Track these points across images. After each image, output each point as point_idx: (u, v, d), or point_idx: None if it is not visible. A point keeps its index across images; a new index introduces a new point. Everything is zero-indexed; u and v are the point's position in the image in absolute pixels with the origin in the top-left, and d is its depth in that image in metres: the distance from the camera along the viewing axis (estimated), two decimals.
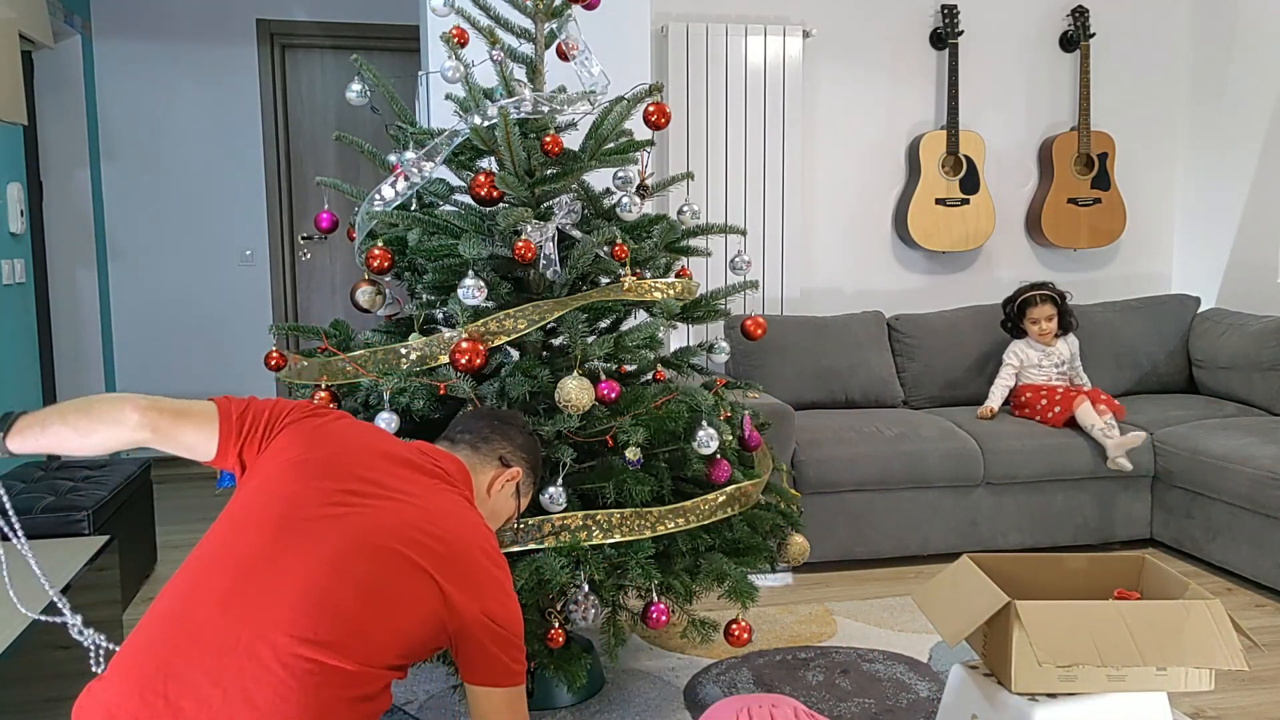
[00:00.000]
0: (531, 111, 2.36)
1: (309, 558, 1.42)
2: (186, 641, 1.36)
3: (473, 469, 1.76)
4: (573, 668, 2.30)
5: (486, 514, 1.80)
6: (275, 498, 1.49)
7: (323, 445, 1.56)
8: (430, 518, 1.52)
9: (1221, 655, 1.92)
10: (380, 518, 1.48)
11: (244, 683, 1.33)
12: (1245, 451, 3.44)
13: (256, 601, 1.38)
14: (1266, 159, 4.37)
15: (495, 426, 1.84)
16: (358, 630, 1.40)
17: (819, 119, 4.52)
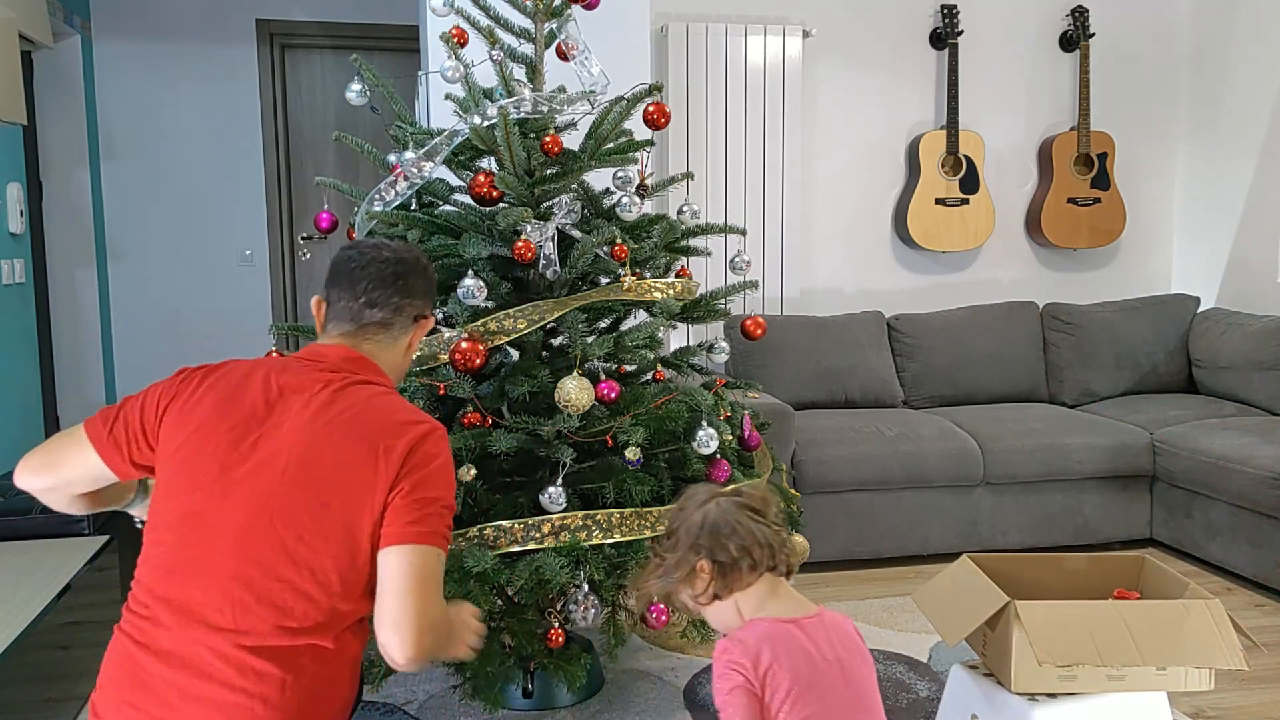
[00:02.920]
0: (531, 111, 2.36)
1: (222, 550, 1.42)
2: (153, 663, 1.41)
3: (384, 347, 1.66)
4: (573, 668, 2.30)
5: (405, 366, 1.74)
6: (172, 502, 1.47)
7: (201, 426, 1.50)
8: (326, 436, 1.48)
9: (1221, 655, 1.92)
10: (272, 478, 1.45)
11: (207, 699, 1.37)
12: (1245, 451, 3.44)
13: (197, 611, 1.40)
14: (1266, 159, 4.37)
15: (399, 288, 1.67)
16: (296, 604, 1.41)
17: (819, 119, 4.52)
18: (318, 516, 1.43)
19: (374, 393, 1.56)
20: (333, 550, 1.42)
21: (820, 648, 1.54)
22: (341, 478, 1.44)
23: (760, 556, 1.56)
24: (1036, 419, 3.93)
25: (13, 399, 3.82)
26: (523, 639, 2.27)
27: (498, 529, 2.18)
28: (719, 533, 1.55)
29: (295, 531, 1.42)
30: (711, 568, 1.56)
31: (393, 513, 1.44)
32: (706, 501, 1.60)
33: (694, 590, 1.58)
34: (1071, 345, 4.33)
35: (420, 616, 1.40)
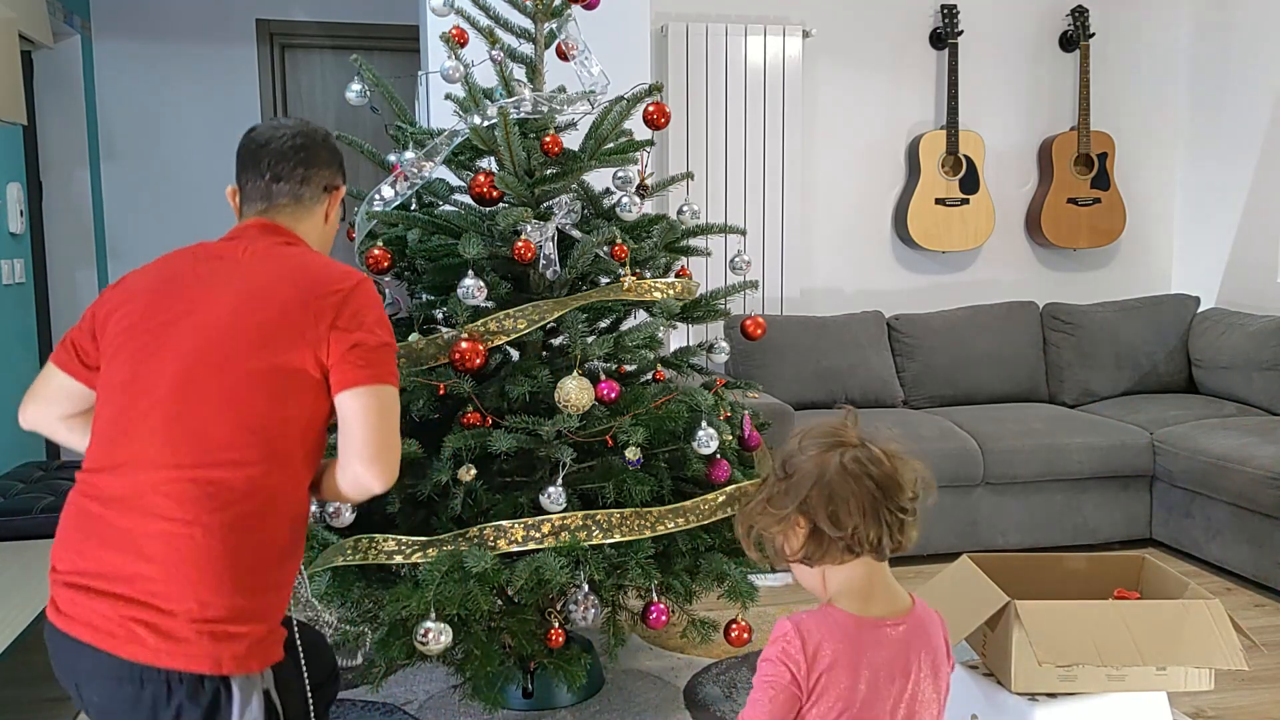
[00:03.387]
0: (531, 111, 2.36)
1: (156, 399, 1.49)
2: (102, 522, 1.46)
3: (299, 218, 1.73)
4: (573, 668, 2.30)
5: (328, 238, 1.82)
6: (113, 376, 1.54)
7: (133, 306, 1.57)
8: (256, 290, 1.55)
9: (1221, 655, 1.92)
10: (202, 332, 1.52)
11: (144, 538, 1.42)
12: (1245, 451, 3.44)
13: (138, 457, 1.46)
14: (1266, 159, 4.36)
15: (303, 160, 1.71)
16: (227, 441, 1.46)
17: (819, 119, 4.52)
18: (248, 363, 1.49)
19: (297, 251, 1.65)
20: (265, 393, 1.49)
21: (893, 665, 1.36)
22: (273, 328, 1.51)
23: (862, 542, 1.34)
24: (1036, 419, 3.93)
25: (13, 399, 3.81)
26: (523, 639, 2.27)
27: (498, 529, 2.18)
28: (827, 497, 1.33)
29: (228, 378, 1.48)
30: (808, 529, 1.35)
31: (340, 362, 1.52)
32: (830, 449, 1.37)
33: (786, 543, 1.38)
34: (1071, 345, 4.33)
35: (386, 447, 1.51)
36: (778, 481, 1.39)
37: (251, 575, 1.45)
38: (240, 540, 1.44)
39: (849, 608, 1.39)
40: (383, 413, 1.53)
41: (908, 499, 1.36)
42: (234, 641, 1.41)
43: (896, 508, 1.35)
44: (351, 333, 1.53)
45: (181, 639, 1.39)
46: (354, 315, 1.55)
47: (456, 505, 2.22)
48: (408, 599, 2.09)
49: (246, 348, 1.50)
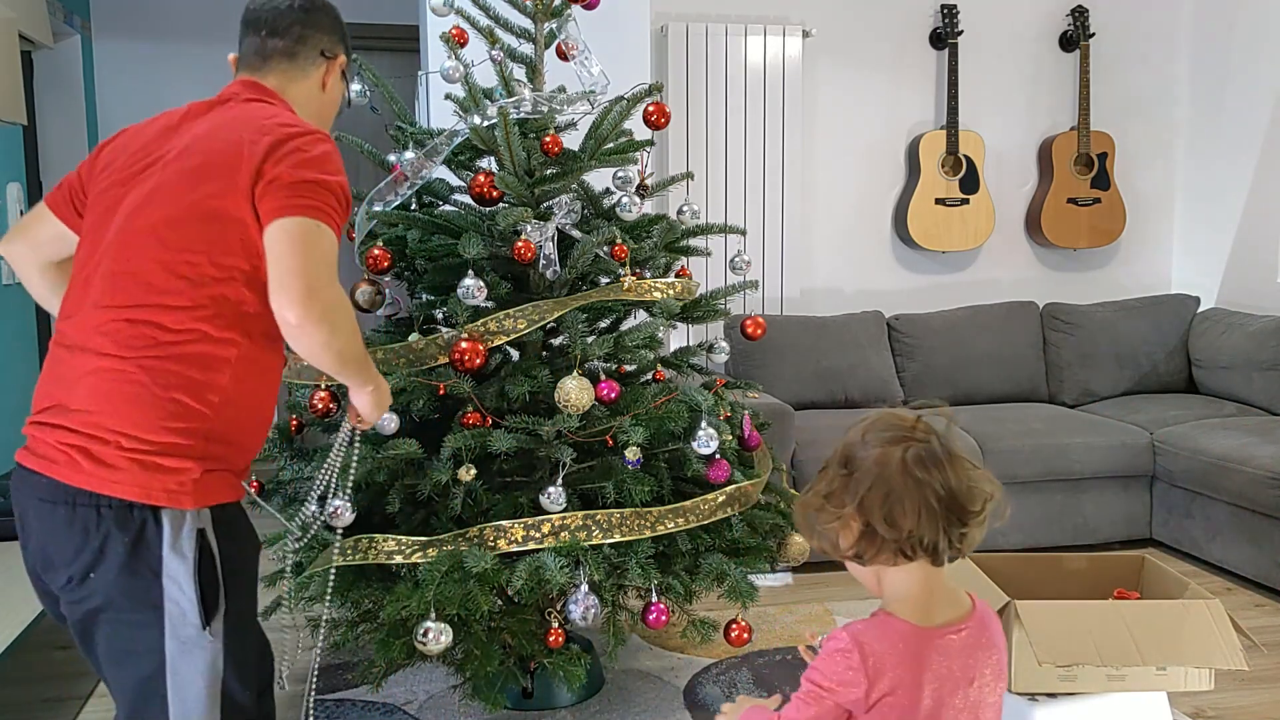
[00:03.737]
0: (531, 111, 2.36)
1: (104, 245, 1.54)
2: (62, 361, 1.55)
3: (292, 79, 1.72)
4: (573, 668, 2.30)
5: (325, 110, 1.79)
6: (87, 226, 1.61)
7: (111, 161, 1.65)
8: (202, 138, 1.57)
9: (1221, 655, 1.92)
10: (153, 180, 1.55)
11: (83, 375, 1.49)
12: (1245, 451, 3.44)
13: (87, 302, 1.53)
14: (1266, 159, 4.36)
15: (301, 20, 1.71)
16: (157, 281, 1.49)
17: (819, 119, 4.52)
18: (188, 204, 1.50)
19: (262, 106, 1.63)
20: (203, 235, 1.49)
21: (956, 674, 1.29)
22: (208, 172, 1.51)
23: (916, 546, 1.25)
24: (1036, 419, 3.93)
25: (12, 398, 3.82)
26: (523, 639, 2.27)
27: (498, 529, 2.18)
28: (884, 495, 1.25)
29: (168, 219, 1.50)
30: (860, 527, 1.27)
31: (267, 196, 1.48)
32: (893, 443, 1.27)
33: (840, 540, 1.30)
34: (1071, 345, 4.33)
35: (301, 275, 1.44)
36: (838, 475, 1.30)
37: (185, 414, 1.47)
38: (172, 379, 1.47)
39: (909, 616, 1.30)
40: (297, 242, 1.46)
41: (974, 511, 1.26)
42: (165, 474, 1.45)
43: (959, 516, 1.26)
44: (281, 169, 1.49)
45: (112, 465, 1.44)
46: (291, 151, 1.51)
47: (456, 505, 2.22)
48: (408, 599, 2.09)
49: (184, 194, 1.51)
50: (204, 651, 1.49)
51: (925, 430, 1.29)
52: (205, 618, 1.48)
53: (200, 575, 1.47)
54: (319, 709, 2.63)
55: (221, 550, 1.51)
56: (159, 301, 1.48)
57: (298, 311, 1.44)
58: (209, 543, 1.49)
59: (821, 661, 1.28)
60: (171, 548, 1.46)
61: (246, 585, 1.61)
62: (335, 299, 1.49)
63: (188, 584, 1.46)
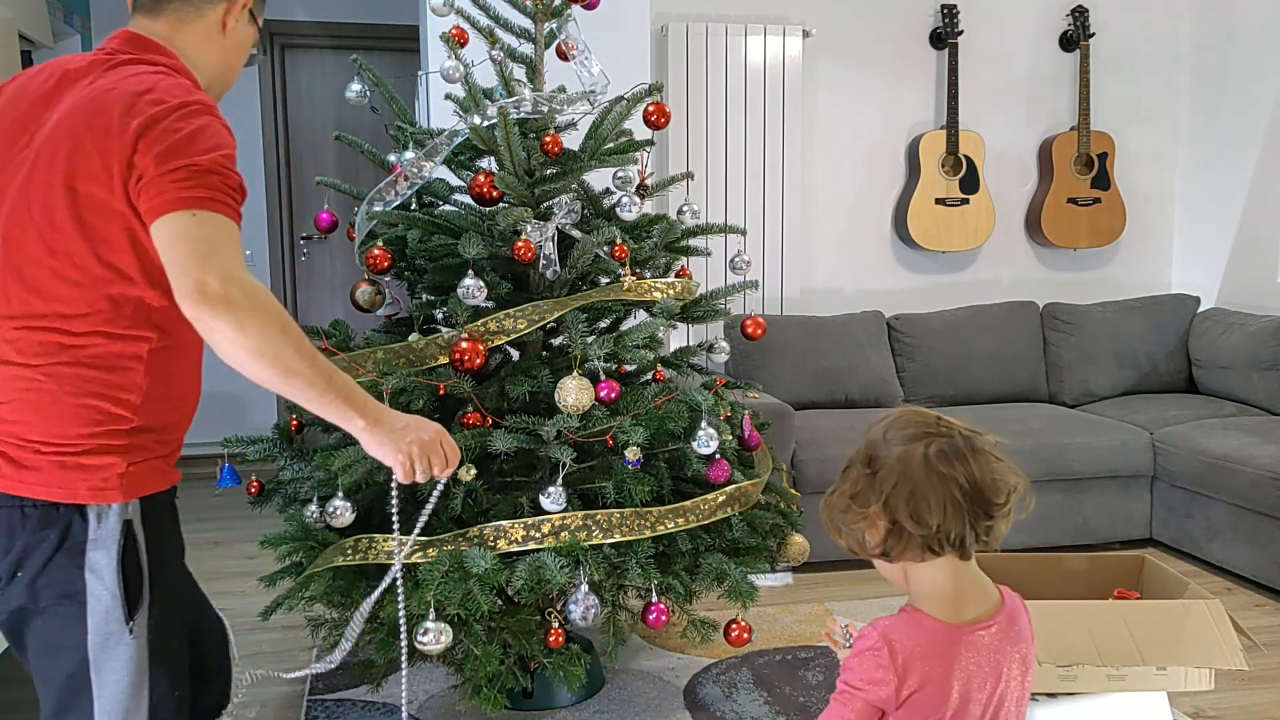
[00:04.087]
0: (531, 111, 2.36)
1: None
2: None
3: (184, 22, 1.54)
4: (573, 668, 2.30)
5: (225, 59, 1.61)
6: None
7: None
8: (69, 120, 1.42)
9: (1221, 655, 1.92)
10: (30, 169, 1.43)
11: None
12: (1245, 451, 3.44)
13: None
14: (1266, 158, 4.36)
15: None
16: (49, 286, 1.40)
17: (819, 119, 4.52)
18: (65, 202, 1.39)
19: (135, 71, 1.45)
20: (84, 235, 1.39)
21: (985, 670, 1.30)
22: (80, 162, 1.39)
23: (944, 541, 1.26)
24: (1036, 419, 3.93)
25: None
26: (523, 639, 2.27)
27: (497, 529, 2.18)
28: (909, 492, 1.25)
29: (48, 218, 1.40)
30: (887, 525, 1.27)
31: (144, 194, 1.35)
32: (916, 440, 1.28)
33: (867, 538, 1.31)
34: (1071, 345, 4.33)
35: (191, 274, 1.31)
36: (862, 475, 1.30)
37: (103, 419, 1.42)
38: (84, 385, 1.41)
39: (938, 613, 1.30)
40: (189, 239, 1.33)
41: (998, 503, 1.26)
42: (88, 473, 1.42)
43: (984, 509, 1.26)
44: (150, 152, 1.35)
45: (33, 468, 1.41)
46: (161, 134, 1.36)
47: (456, 505, 2.22)
48: (408, 599, 2.09)
49: (57, 185, 1.39)
50: (127, 647, 1.47)
51: (947, 426, 1.30)
52: (129, 611, 1.45)
53: (124, 568, 1.44)
54: (319, 709, 2.63)
55: (149, 542, 1.47)
56: (55, 310, 1.40)
57: (196, 312, 1.32)
58: (135, 534, 1.46)
59: (853, 661, 1.29)
60: (96, 542, 1.43)
61: (175, 576, 1.57)
62: (259, 294, 1.35)
63: (111, 577, 1.44)
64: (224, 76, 1.63)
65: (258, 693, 2.75)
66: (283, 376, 1.37)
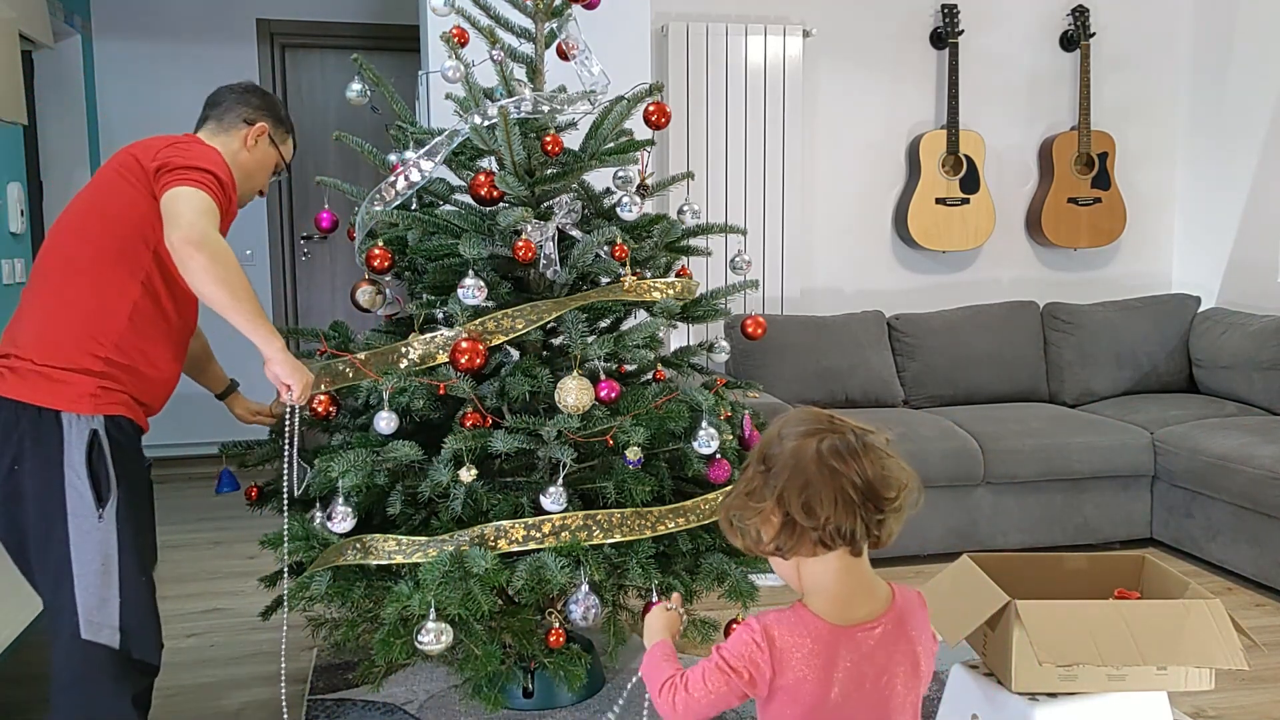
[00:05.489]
0: (531, 111, 2.36)
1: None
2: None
3: (213, 134, 2.18)
4: (573, 668, 2.30)
5: (253, 166, 2.20)
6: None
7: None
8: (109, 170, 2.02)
9: (1221, 655, 1.92)
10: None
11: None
12: (1245, 451, 3.44)
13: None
14: (1267, 158, 4.36)
15: (232, 98, 2.20)
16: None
17: (819, 119, 4.52)
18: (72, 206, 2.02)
19: (167, 137, 2.03)
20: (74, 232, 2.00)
21: (865, 671, 1.32)
22: (108, 190, 1.98)
23: (834, 535, 1.27)
24: (1036, 419, 3.93)
25: None
26: (523, 639, 2.27)
27: (498, 529, 2.18)
28: (801, 486, 1.27)
29: (60, 228, 2.00)
30: (780, 519, 1.29)
31: (158, 185, 1.91)
32: (808, 436, 1.30)
33: (760, 533, 1.32)
34: (1072, 345, 4.33)
35: (182, 217, 1.84)
36: (757, 472, 1.33)
37: (81, 343, 1.89)
38: (71, 322, 1.90)
39: (825, 611, 1.33)
40: (174, 199, 1.87)
41: (889, 499, 1.28)
42: (65, 385, 1.87)
43: (876, 505, 1.27)
44: (159, 166, 1.93)
45: (25, 377, 1.88)
46: (162, 156, 1.94)
47: (456, 505, 2.22)
48: (408, 599, 2.09)
49: (87, 203, 1.99)
50: (98, 533, 1.86)
51: (840, 423, 1.32)
52: (98, 499, 1.86)
53: (90, 464, 1.86)
54: (319, 709, 2.63)
55: (111, 449, 1.89)
56: (52, 264, 2.02)
57: (177, 234, 1.84)
58: (100, 441, 1.87)
59: (732, 643, 1.33)
60: (72, 439, 1.85)
61: (137, 486, 1.96)
62: (217, 244, 1.88)
63: (82, 470, 1.85)
64: (250, 180, 2.22)
65: (258, 692, 2.76)
66: (229, 295, 1.89)
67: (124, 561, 1.89)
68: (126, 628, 1.89)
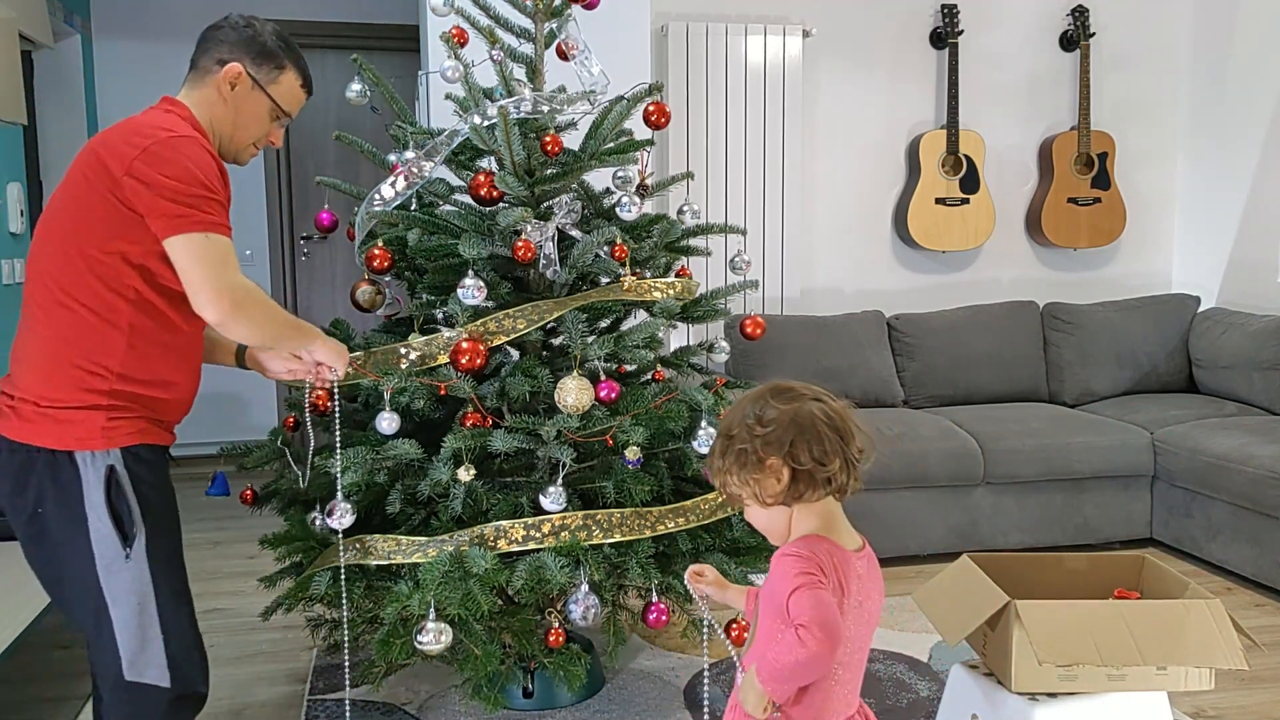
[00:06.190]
0: (531, 111, 2.36)
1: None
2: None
3: (193, 85, 1.91)
4: (573, 668, 2.30)
5: (236, 113, 1.91)
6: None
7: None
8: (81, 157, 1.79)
9: (1221, 655, 1.92)
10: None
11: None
12: (1245, 451, 3.44)
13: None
14: (1267, 158, 4.36)
15: (211, 37, 1.92)
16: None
17: (819, 119, 4.52)
18: (53, 222, 1.78)
19: (143, 115, 1.84)
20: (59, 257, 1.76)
21: (865, 588, 1.50)
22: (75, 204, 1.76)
23: (834, 479, 1.47)
24: (1036, 419, 3.93)
25: None
26: (523, 639, 2.27)
27: (498, 529, 2.18)
28: (810, 439, 1.45)
29: (40, 255, 1.78)
30: (788, 471, 1.46)
31: (148, 216, 1.71)
32: (799, 399, 1.49)
33: (760, 489, 1.48)
34: (1072, 345, 4.33)
35: (208, 285, 1.71)
36: (754, 435, 1.47)
37: (79, 378, 1.74)
38: (66, 354, 1.75)
39: (828, 537, 1.49)
40: (191, 259, 1.72)
41: (856, 450, 1.49)
42: (73, 425, 1.73)
43: (853, 454, 1.49)
44: (145, 187, 1.70)
45: (30, 419, 1.75)
46: (141, 173, 1.70)
47: (456, 505, 2.22)
48: (408, 599, 2.09)
49: (58, 214, 1.77)
50: (129, 573, 1.76)
51: (814, 391, 1.53)
52: (123, 540, 1.76)
53: (110, 502, 1.74)
54: (319, 709, 2.63)
55: (132, 482, 1.76)
56: (48, 299, 1.79)
57: (215, 311, 1.73)
58: (118, 476, 1.75)
59: (793, 564, 1.43)
60: (88, 481, 1.74)
61: (164, 514, 1.83)
62: (249, 293, 1.77)
63: (103, 511, 1.74)
64: (238, 129, 1.94)
65: (259, 693, 2.75)
66: (278, 337, 1.93)
67: (161, 597, 1.79)
68: (174, 664, 1.80)
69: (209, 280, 1.70)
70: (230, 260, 1.75)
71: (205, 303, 1.71)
